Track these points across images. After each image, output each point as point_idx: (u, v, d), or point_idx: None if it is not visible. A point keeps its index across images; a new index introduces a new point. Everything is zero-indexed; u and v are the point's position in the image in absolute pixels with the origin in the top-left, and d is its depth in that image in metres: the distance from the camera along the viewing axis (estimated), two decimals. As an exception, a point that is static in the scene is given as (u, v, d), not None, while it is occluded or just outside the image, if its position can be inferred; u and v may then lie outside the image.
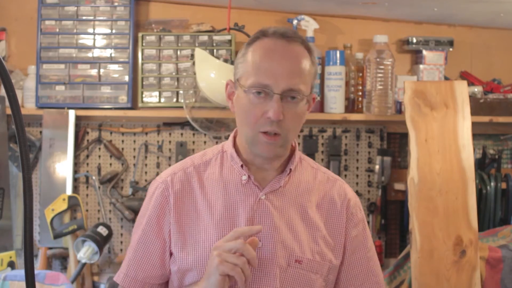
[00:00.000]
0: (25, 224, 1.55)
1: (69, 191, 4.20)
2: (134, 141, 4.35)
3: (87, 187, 4.33)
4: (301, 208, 2.16)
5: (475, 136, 3.97)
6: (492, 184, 4.15)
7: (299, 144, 4.41)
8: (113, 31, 4.25)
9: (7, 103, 4.18)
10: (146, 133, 4.35)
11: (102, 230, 4.01)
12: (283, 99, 2.05)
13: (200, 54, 3.94)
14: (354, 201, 2.28)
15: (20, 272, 3.74)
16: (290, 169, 2.18)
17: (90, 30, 4.26)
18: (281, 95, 2.04)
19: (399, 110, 4.27)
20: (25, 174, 1.48)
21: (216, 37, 4.21)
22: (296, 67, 2.08)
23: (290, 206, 2.16)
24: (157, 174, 4.22)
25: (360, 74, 4.34)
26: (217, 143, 4.37)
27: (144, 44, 4.23)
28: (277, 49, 2.09)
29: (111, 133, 4.34)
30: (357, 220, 2.25)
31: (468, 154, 3.72)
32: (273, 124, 2.05)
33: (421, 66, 4.38)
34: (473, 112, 3.87)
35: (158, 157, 4.33)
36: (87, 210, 4.31)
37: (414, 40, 4.40)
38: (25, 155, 1.47)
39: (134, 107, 4.22)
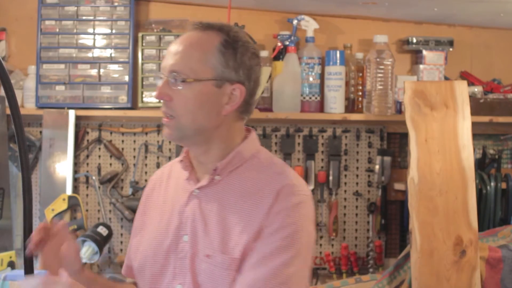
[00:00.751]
0: (25, 223, 1.56)
1: (69, 191, 4.20)
2: (134, 141, 4.35)
3: (87, 187, 4.33)
4: (228, 205, 2.11)
5: (475, 136, 3.97)
6: (492, 184, 4.15)
7: (298, 144, 4.41)
8: (113, 31, 4.25)
9: (7, 103, 4.19)
10: (146, 133, 4.35)
11: (102, 230, 4.01)
12: (172, 83, 2.09)
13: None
14: (284, 192, 2.07)
15: (20, 272, 3.74)
16: (217, 167, 2.15)
17: (90, 30, 4.26)
18: (168, 78, 2.09)
19: (399, 110, 4.27)
20: (24, 174, 1.49)
21: (216, 37, 4.21)
22: (180, 50, 2.10)
23: (218, 201, 2.13)
24: (157, 174, 4.22)
25: (360, 74, 4.34)
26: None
27: (144, 44, 4.23)
28: (181, 37, 2.14)
29: (111, 133, 4.34)
30: (280, 209, 2.05)
31: (468, 154, 3.72)
32: (164, 104, 2.11)
33: (421, 66, 4.38)
34: (473, 112, 3.87)
35: (158, 157, 4.33)
36: (87, 210, 4.31)
37: (414, 40, 4.40)
38: (24, 155, 1.48)
39: (134, 107, 4.22)
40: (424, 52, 4.39)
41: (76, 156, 4.29)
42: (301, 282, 2.06)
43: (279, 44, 4.25)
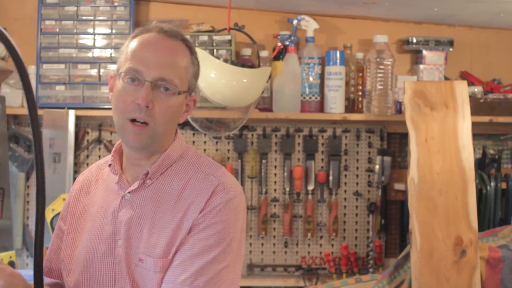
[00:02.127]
0: (37, 225, 1.56)
1: (69, 191, 4.20)
2: (134, 141, 4.34)
3: (87, 187, 4.33)
4: (159, 207, 2.11)
5: (475, 136, 3.97)
6: (492, 184, 4.15)
7: (298, 144, 4.42)
8: (113, 31, 4.25)
9: (7, 102, 4.20)
10: (146, 133, 4.35)
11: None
12: (155, 89, 2.07)
13: (200, 54, 3.92)
14: (216, 191, 2.09)
15: (20, 272, 3.74)
16: (148, 171, 2.14)
17: (90, 30, 4.26)
18: (153, 84, 2.06)
19: (399, 110, 4.27)
20: (39, 176, 1.49)
21: (216, 37, 4.21)
22: (170, 59, 2.11)
23: (149, 205, 2.12)
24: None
25: (360, 74, 4.34)
26: (217, 143, 4.38)
27: (144, 44, 4.22)
28: (155, 41, 2.13)
29: (111, 133, 4.34)
30: (211, 207, 2.06)
31: (468, 154, 3.72)
32: (142, 111, 2.05)
33: (421, 66, 4.38)
34: (473, 112, 3.87)
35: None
36: (87, 210, 4.31)
37: (414, 40, 4.40)
38: (40, 158, 1.48)
39: (134, 107, 4.22)
40: (424, 52, 4.39)
41: (76, 156, 4.29)
42: (232, 278, 2.09)
43: (279, 44, 4.25)
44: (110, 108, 4.12)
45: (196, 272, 2.01)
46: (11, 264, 4.03)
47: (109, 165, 2.22)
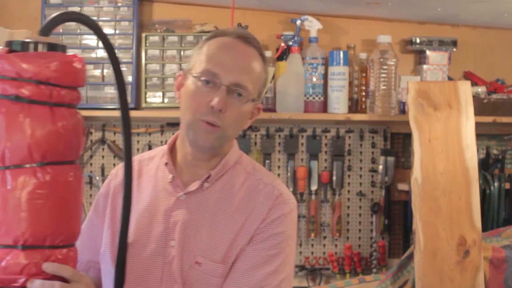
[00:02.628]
0: (122, 227, 1.57)
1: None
2: (138, 142, 4.35)
3: (91, 187, 4.33)
4: (218, 212, 2.13)
5: (478, 136, 3.97)
6: (496, 184, 4.15)
7: (302, 144, 4.42)
8: (117, 31, 4.26)
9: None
10: (150, 134, 4.36)
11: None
12: (229, 93, 2.08)
13: (204, 54, 3.94)
14: (280, 200, 2.15)
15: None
16: (210, 174, 2.16)
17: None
18: (228, 88, 2.07)
19: (403, 110, 4.27)
20: (126, 178, 1.50)
21: (219, 38, 4.21)
22: (247, 65, 2.13)
23: (207, 208, 2.14)
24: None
25: (364, 74, 4.34)
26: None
27: (147, 44, 4.23)
28: (232, 45, 2.14)
29: (114, 133, 4.34)
30: (273, 218, 2.12)
31: (471, 154, 3.72)
32: (214, 114, 2.06)
33: (425, 66, 4.38)
34: (477, 112, 3.87)
35: (161, 158, 4.33)
36: (90, 210, 4.31)
37: (418, 40, 4.39)
38: (128, 163, 1.48)
39: (137, 107, 4.22)
40: (428, 52, 4.39)
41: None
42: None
43: (283, 44, 4.25)
44: (113, 109, 4.15)
45: (260, 282, 2.05)
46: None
47: (166, 164, 2.21)
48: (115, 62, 1.55)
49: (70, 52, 1.60)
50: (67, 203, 1.58)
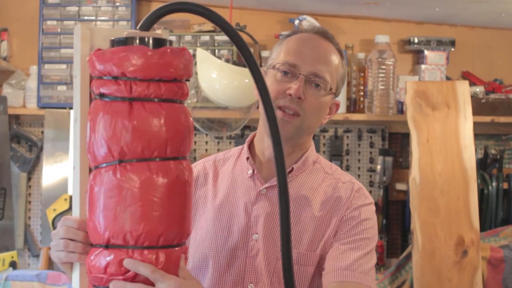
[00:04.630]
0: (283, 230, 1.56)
1: (70, 191, 4.20)
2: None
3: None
4: (300, 206, 2.16)
5: (476, 136, 3.96)
6: (494, 184, 4.15)
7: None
8: (115, 31, 4.25)
9: (9, 102, 4.20)
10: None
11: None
12: (307, 83, 2.10)
13: (202, 54, 3.94)
14: (360, 192, 2.21)
15: (22, 272, 3.74)
16: (293, 168, 2.18)
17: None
18: (306, 77, 2.10)
19: (401, 110, 4.27)
20: (280, 179, 1.49)
21: (217, 37, 4.22)
22: (324, 56, 2.15)
23: (290, 202, 2.15)
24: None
25: (362, 74, 4.34)
26: (218, 143, 4.38)
27: (146, 44, 4.22)
28: (311, 39, 2.18)
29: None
30: (353, 207, 2.17)
31: (469, 154, 3.72)
32: (293, 101, 2.08)
33: (423, 66, 4.38)
34: (475, 112, 3.87)
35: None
36: (88, 210, 4.31)
37: (416, 40, 4.39)
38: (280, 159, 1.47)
39: (135, 107, 4.22)
40: (426, 52, 4.39)
41: (77, 156, 4.29)
42: (374, 276, 2.21)
43: (281, 44, 4.25)
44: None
45: (352, 264, 2.09)
46: (13, 264, 4.04)
47: (247, 159, 2.21)
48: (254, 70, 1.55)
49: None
50: (183, 200, 1.59)
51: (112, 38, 1.57)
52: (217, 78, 3.83)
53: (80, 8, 4.26)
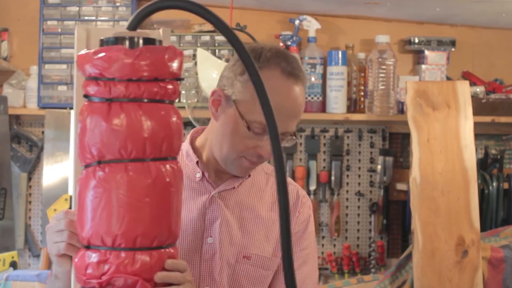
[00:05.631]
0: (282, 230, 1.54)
1: (71, 191, 4.20)
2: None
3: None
4: (253, 208, 2.17)
5: (477, 136, 3.96)
6: (494, 184, 4.15)
7: (300, 144, 4.42)
8: (115, 31, 4.26)
9: (9, 103, 4.20)
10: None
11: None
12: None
13: (202, 54, 3.94)
14: (303, 202, 2.25)
15: (22, 272, 3.74)
16: (249, 175, 2.18)
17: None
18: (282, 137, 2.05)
19: (401, 110, 4.27)
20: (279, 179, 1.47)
21: (218, 37, 4.22)
22: (298, 112, 2.09)
23: (242, 205, 2.17)
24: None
25: (362, 74, 4.34)
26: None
27: (146, 44, 4.22)
28: (286, 92, 2.05)
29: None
30: (302, 218, 2.23)
31: (470, 154, 3.72)
32: (259, 160, 2.06)
33: (423, 66, 4.38)
34: (475, 112, 3.87)
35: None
36: (89, 210, 4.31)
37: (416, 40, 4.39)
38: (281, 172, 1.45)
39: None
40: (426, 52, 4.39)
41: (78, 156, 4.29)
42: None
43: (281, 44, 4.25)
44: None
45: (302, 282, 2.18)
46: (13, 264, 4.03)
47: (197, 163, 2.17)
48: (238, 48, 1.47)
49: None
50: (163, 201, 1.57)
51: (101, 38, 1.57)
52: (217, 78, 3.83)
53: (80, 8, 4.26)
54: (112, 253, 1.52)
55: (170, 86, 1.55)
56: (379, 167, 4.39)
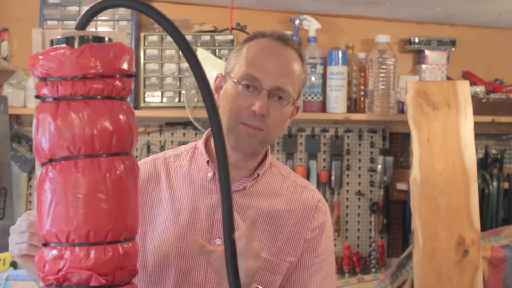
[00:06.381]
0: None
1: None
2: (137, 141, 4.34)
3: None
4: (264, 211, 2.15)
5: (477, 136, 3.97)
6: (495, 184, 4.15)
7: (301, 144, 4.42)
8: (116, 31, 4.25)
9: (9, 102, 4.20)
10: (149, 133, 4.35)
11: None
12: (270, 97, 2.07)
13: (202, 54, 3.94)
14: (319, 207, 2.23)
15: (23, 272, 3.74)
16: (258, 174, 2.18)
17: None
18: (269, 92, 2.06)
19: (401, 110, 4.27)
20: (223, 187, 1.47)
21: (218, 37, 4.22)
22: (287, 68, 2.11)
23: (253, 207, 2.15)
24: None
25: (362, 74, 4.34)
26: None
27: (146, 44, 4.23)
28: (273, 48, 2.13)
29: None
30: (317, 224, 2.20)
31: (470, 154, 3.72)
32: (256, 118, 2.05)
33: (423, 66, 4.38)
34: (475, 112, 3.87)
35: (160, 157, 4.32)
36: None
37: (416, 40, 4.39)
38: (225, 171, 1.46)
39: (136, 107, 4.22)
40: (426, 52, 4.39)
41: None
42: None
43: (281, 44, 4.25)
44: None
45: (324, 282, 2.19)
46: (14, 264, 4.03)
47: (207, 162, 2.18)
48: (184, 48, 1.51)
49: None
50: (114, 196, 1.59)
51: (51, 39, 1.59)
52: (217, 78, 3.83)
53: (80, 8, 4.27)
54: (67, 249, 1.54)
55: (118, 83, 1.56)
56: (379, 166, 4.39)
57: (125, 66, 1.59)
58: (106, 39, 1.59)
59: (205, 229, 2.12)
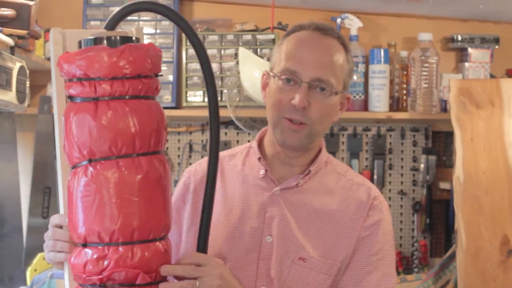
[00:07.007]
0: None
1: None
2: (179, 140, 4.37)
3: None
4: (316, 209, 2.13)
5: (521, 134, 3.93)
6: (539, 183, 4.10)
7: (343, 143, 4.41)
8: (158, 31, 4.28)
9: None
10: (191, 132, 4.37)
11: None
12: (311, 89, 2.06)
13: (244, 53, 3.95)
14: (375, 204, 2.17)
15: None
16: (310, 170, 2.16)
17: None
18: (309, 84, 2.05)
19: (444, 108, 4.24)
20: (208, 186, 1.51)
21: (259, 36, 4.22)
22: (326, 58, 2.09)
23: (305, 204, 2.13)
24: (201, 173, 4.24)
25: (405, 73, 4.32)
26: (261, 142, 4.38)
27: (188, 43, 4.24)
28: (310, 39, 2.12)
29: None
30: (372, 222, 2.15)
31: (514, 153, 3.69)
32: (298, 112, 2.05)
33: (467, 64, 4.35)
34: (520, 110, 3.83)
35: (202, 156, 4.34)
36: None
37: (459, 38, 4.36)
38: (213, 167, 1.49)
39: (178, 106, 4.24)
40: (470, 50, 4.35)
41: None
42: None
43: (323, 42, 4.24)
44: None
45: (379, 281, 2.15)
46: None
47: (259, 159, 2.18)
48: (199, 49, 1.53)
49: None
50: (156, 195, 1.60)
51: (79, 40, 1.60)
52: (259, 77, 3.83)
53: (123, 9, 4.30)
54: (110, 249, 1.55)
55: (152, 82, 1.58)
56: (422, 166, 4.36)
57: (159, 66, 1.61)
58: (133, 38, 1.60)
59: (255, 226, 2.12)
